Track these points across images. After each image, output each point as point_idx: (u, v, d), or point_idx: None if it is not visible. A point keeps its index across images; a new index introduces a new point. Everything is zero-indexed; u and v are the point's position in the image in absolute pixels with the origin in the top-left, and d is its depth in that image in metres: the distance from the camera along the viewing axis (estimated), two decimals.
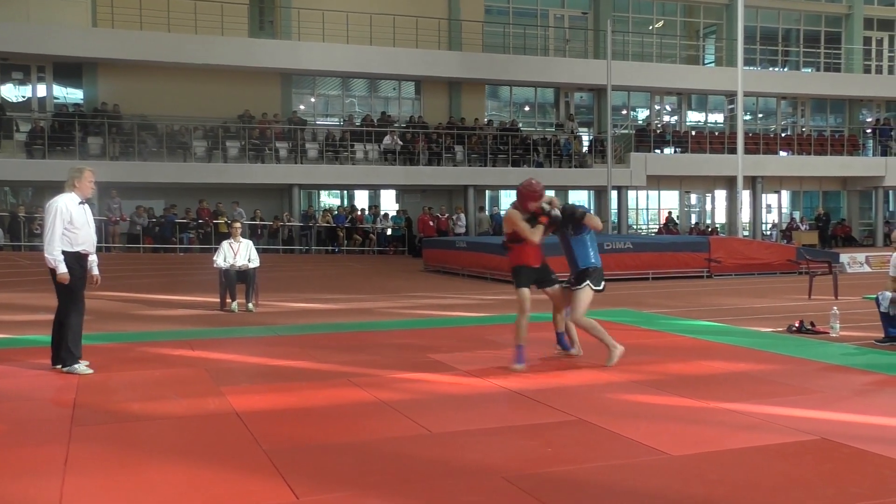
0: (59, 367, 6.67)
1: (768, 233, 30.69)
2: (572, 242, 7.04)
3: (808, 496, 3.82)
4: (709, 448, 4.54)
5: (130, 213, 21.96)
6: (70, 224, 6.57)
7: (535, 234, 6.85)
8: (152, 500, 3.77)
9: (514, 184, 26.73)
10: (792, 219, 30.84)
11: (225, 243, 11.52)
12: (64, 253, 6.53)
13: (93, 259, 6.86)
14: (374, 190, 26.92)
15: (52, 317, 6.73)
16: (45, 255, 6.54)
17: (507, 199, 28.45)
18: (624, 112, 30.64)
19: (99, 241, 7.11)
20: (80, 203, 6.70)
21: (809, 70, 32.08)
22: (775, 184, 30.91)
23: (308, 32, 24.77)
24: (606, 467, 4.22)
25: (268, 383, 6.37)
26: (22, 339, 8.52)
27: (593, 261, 7.01)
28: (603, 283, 7.06)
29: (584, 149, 28.12)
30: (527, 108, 29.84)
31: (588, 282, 6.94)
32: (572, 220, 6.98)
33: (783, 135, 31.57)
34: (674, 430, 4.94)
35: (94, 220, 7.07)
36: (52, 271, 6.57)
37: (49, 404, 5.70)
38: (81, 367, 6.62)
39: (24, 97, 23.97)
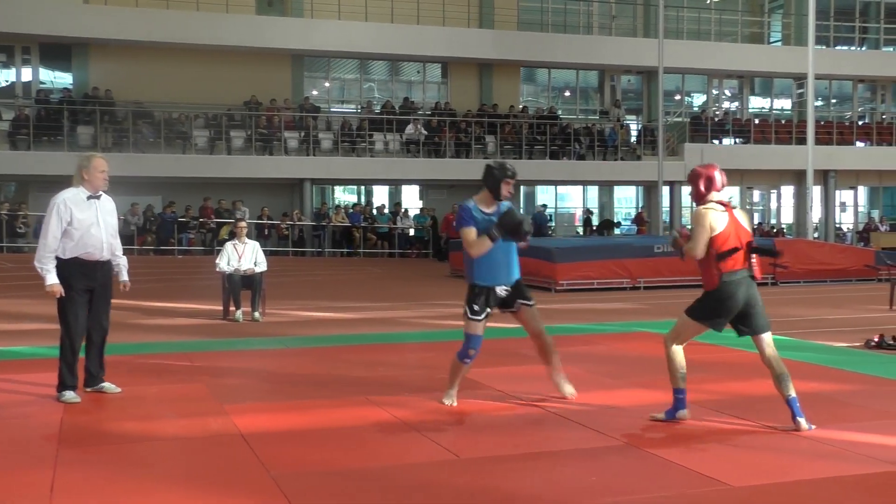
0: (87, 388, 6.44)
1: (843, 234, 30.33)
2: (513, 248, 6.12)
3: None
4: (775, 479, 4.48)
5: (124, 211, 22.20)
6: (70, 225, 6.09)
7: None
8: None
9: (552, 178, 27.06)
10: (870, 218, 30.46)
11: (228, 245, 11.60)
12: (60, 260, 6.10)
13: (121, 263, 6.50)
14: (396, 185, 27.02)
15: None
16: (35, 262, 6.15)
17: (544, 195, 28.40)
18: (677, 98, 30.48)
19: None
20: (89, 198, 6.22)
21: (891, 49, 31.66)
22: (851, 179, 30.56)
23: (322, 9, 24.96)
24: (658, 499, 4.19)
25: (276, 401, 6.40)
26: (4, 350, 8.62)
27: None
28: None
29: (632, 139, 28.00)
30: (567, 94, 29.80)
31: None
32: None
33: (860, 123, 31.21)
34: (735, 457, 4.89)
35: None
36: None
37: (32, 423, 5.74)
38: (68, 394, 6.21)
39: (6, 81, 24.42)
